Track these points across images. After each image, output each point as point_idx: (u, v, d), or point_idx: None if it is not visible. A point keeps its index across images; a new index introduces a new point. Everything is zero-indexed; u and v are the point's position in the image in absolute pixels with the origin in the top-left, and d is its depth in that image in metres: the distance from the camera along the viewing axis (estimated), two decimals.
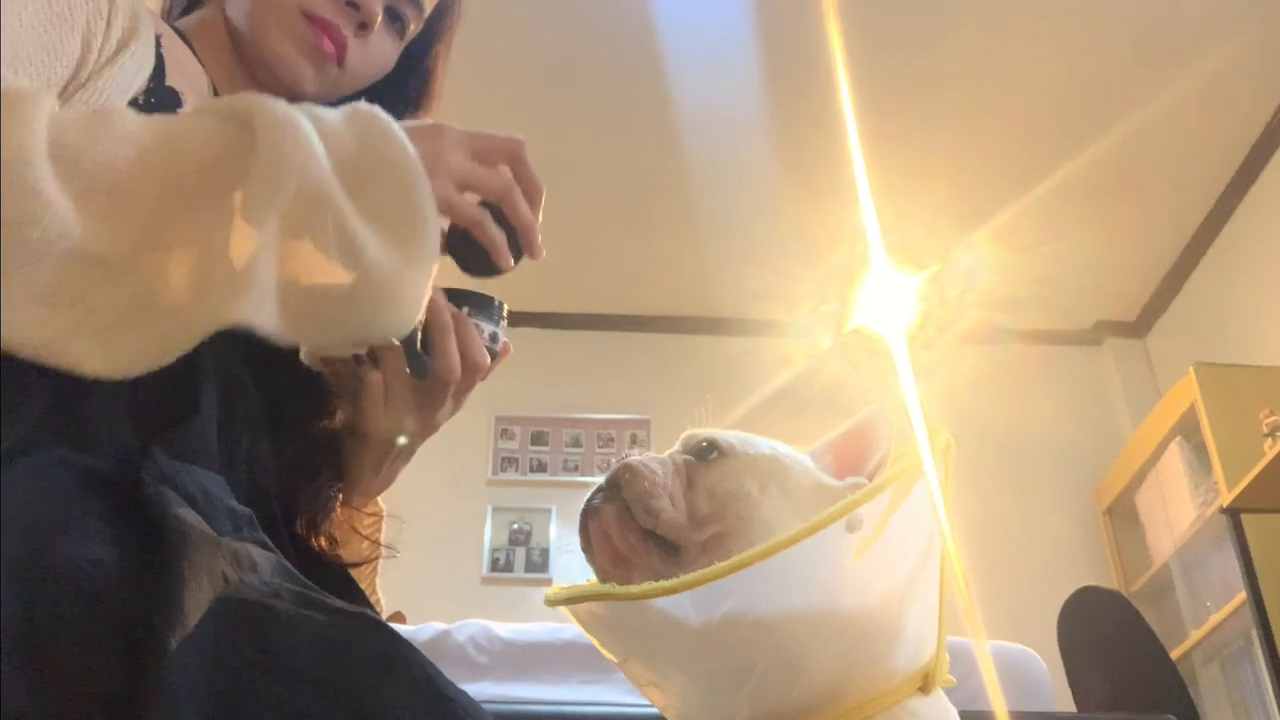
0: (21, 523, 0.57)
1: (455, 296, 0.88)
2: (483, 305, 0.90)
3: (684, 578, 0.73)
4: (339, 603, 0.65)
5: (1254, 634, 3.28)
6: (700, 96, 3.59)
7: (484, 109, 0.91)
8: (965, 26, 3.40)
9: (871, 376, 4.13)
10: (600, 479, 0.88)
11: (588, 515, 0.86)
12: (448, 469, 4.18)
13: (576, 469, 4.47)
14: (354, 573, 0.92)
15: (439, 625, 2.04)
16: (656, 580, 0.76)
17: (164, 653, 0.54)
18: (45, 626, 0.54)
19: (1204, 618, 3.66)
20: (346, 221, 0.68)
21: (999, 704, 0.74)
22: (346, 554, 0.93)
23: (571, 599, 0.80)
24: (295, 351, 0.81)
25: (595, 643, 0.83)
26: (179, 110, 0.85)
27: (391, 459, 0.93)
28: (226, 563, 0.62)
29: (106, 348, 0.61)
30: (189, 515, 0.63)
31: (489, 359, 0.89)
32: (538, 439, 4.52)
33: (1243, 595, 3.27)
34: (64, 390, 0.65)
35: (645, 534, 0.82)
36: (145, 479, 0.65)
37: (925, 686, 0.82)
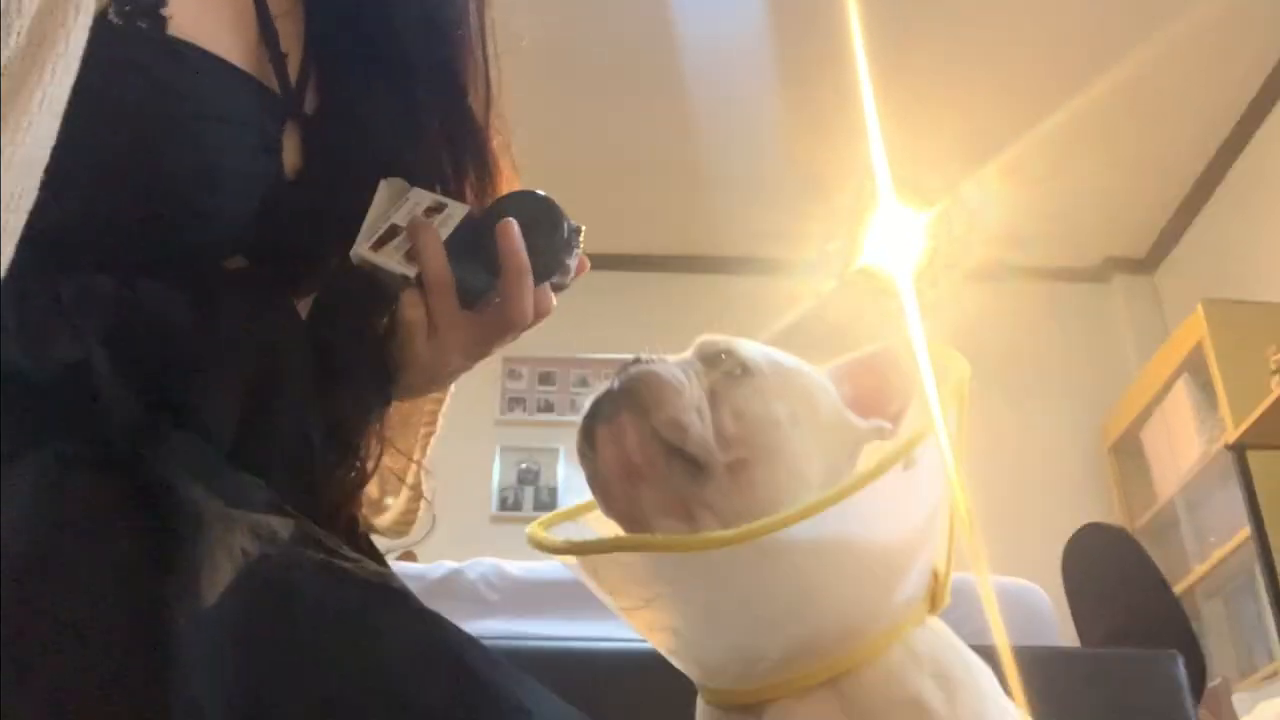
0: (25, 527, 0.54)
1: (524, 217, 0.79)
2: (549, 233, 0.80)
3: (745, 529, 0.68)
4: (367, 568, 0.62)
5: (1256, 569, 3.30)
6: (704, 30, 3.55)
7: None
8: None
9: (878, 315, 4.11)
10: (610, 383, 0.79)
11: (596, 419, 0.78)
12: (456, 410, 4.16)
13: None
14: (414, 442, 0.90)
15: (450, 564, 2.06)
16: (673, 502, 0.73)
17: (184, 645, 0.52)
18: (57, 632, 0.52)
19: (1207, 553, 3.69)
20: None
21: (1001, 639, 0.73)
22: (375, 520, 0.90)
23: (606, 549, 0.74)
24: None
25: (603, 589, 0.78)
26: (163, 10, 0.72)
27: (440, 384, 0.88)
28: (245, 537, 0.58)
29: None
30: (200, 493, 0.59)
31: (553, 302, 0.82)
32: (545, 379, 4.53)
33: (1246, 531, 3.30)
34: (68, 372, 0.62)
35: (669, 450, 0.74)
36: (151, 455, 0.61)
37: (933, 604, 0.79)
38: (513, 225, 0.77)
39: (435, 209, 0.81)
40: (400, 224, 0.80)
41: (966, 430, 0.80)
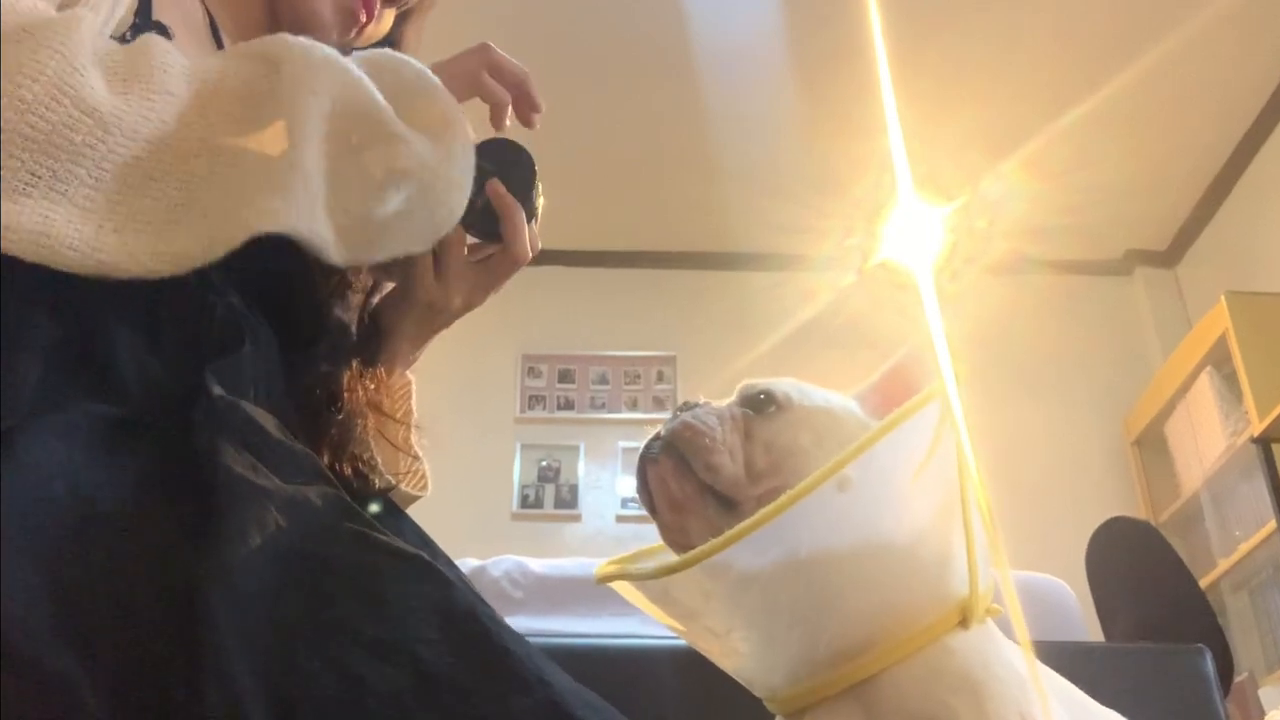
0: (51, 493, 0.55)
1: (503, 166, 0.88)
2: (526, 177, 0.89)
3: (726, 534, 0.75)
4: (398, 543, 0.63)
5: None
6: (721, 24, 3.54)
7: (500, 45, 0.90)
8: None
9: (897, 310, 4.10)
10: (660, 428, 0.89)
11: (645, 463, 0.88)
12: (476, 407, 4.21)
13: (604, 406, 4.48)
14: (396, 445, 0.94)
15: (474, 561, 2.07)
16: (713, 532, 0.78)
17: (215, 617, 0.54)
18: (89, 604, 0.53)
19: (1233, 547, 3.67)
20: (394, 129, 0.72)
21: (1023, 634, 0.74)
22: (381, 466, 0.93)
23: (622, 576, 0.83)
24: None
25: (655, 612, 0.85)
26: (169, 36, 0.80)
27: (433, 329, 0.94)
28: (280, 512, 0.60)
29: (149, 246, 0.61)
30: (241, 465, 0.61)
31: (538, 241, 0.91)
32: (564, 377, 4.53)
33: (1272, 524, 3.27)
34: (77, 329, 0.64)
35: (703, 487, 0.85)
36: (199, 420, 0.63)
37: (965, 620, 0.80)
38: (498, 182, 0.86)
39: None
40: None
41: (959, 420, 0.83)
